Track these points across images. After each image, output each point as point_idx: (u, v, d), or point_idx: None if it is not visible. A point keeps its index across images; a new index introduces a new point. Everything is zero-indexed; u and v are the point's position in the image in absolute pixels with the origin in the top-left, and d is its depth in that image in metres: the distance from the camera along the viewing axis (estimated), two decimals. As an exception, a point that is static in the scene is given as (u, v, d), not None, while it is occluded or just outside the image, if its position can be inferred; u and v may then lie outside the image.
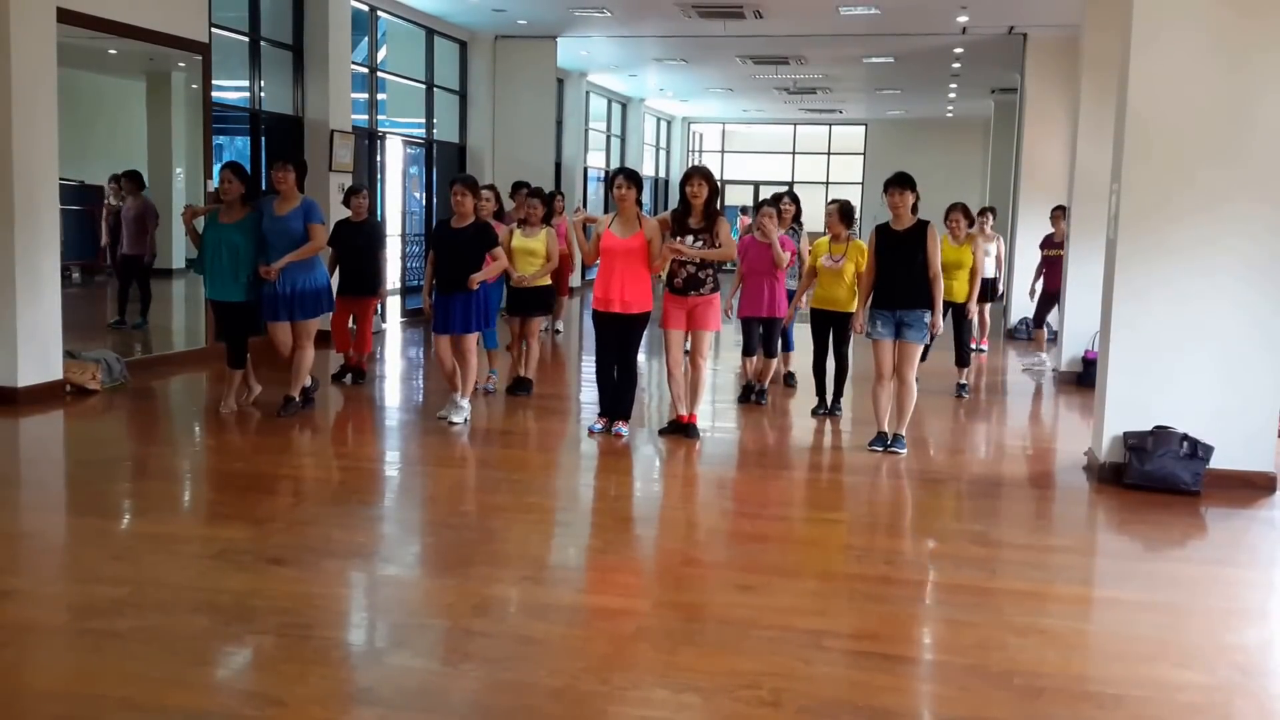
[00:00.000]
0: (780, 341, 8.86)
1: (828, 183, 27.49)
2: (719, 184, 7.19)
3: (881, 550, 5.24)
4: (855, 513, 5.90)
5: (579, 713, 3.40)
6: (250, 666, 3.78)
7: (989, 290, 11.99)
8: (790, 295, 8.55)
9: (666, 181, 26.47)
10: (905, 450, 6.89)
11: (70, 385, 8.00)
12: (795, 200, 9.11)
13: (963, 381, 9.32)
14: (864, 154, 27.25)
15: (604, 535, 5.41)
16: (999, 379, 11.08)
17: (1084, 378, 9.52)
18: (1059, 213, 11.33)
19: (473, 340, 7.50)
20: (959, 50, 15.94)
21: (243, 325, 7.52)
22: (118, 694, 3.45)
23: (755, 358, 8.52)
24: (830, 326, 8.13)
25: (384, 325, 12.84)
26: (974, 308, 9.41)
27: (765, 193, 27.11)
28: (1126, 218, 6.35)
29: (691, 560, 5.01)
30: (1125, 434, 6.36)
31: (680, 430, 7.17)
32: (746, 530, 5.48)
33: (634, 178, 7.03)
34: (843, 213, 8.02)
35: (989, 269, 11.53)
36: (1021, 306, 13.94)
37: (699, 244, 6.90)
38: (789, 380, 9.33)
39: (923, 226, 6.87)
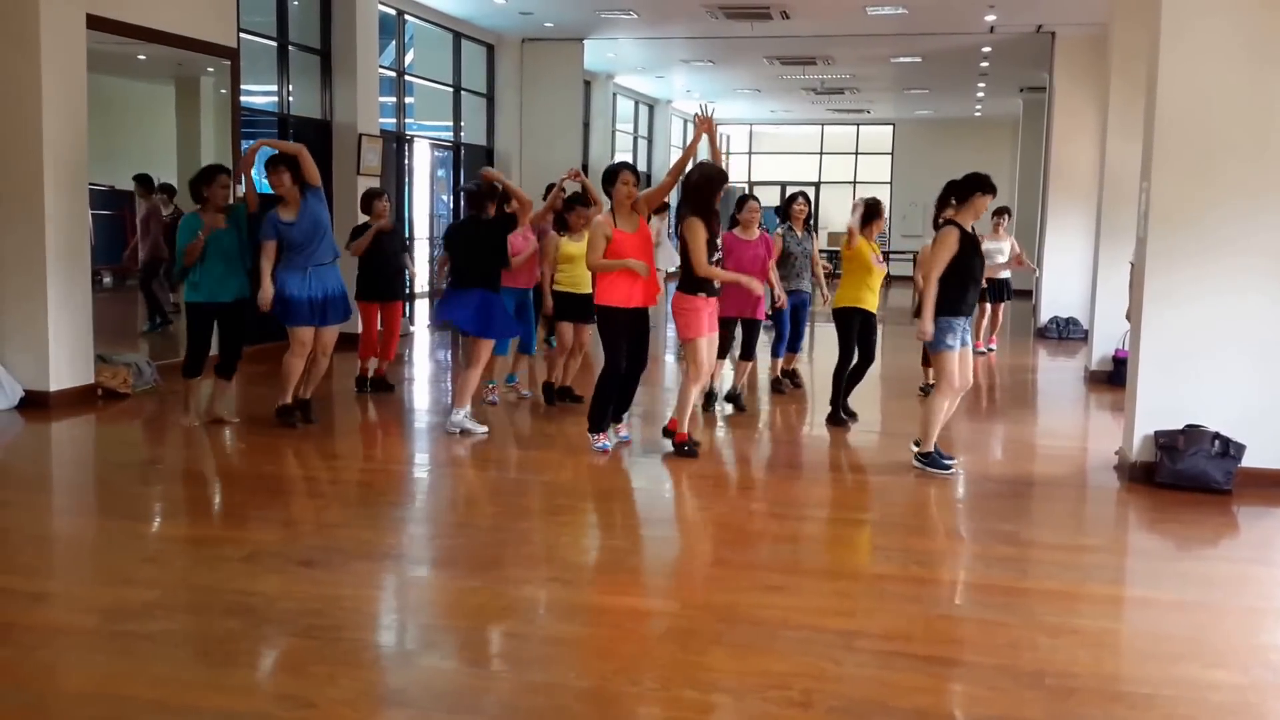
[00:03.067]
0: (787, 341, 8.87)
1: (855, 182, 27.37)
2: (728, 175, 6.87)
3: (911, 550, 5.20)
4: (884, 513, 5.87)
5: (609, 714, 3.40)
6: (281, 668, 3.80)
7: (1003, 290, 11.90)
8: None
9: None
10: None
11: (102, 389, 8.08)
12: (808, 201, 9.03)
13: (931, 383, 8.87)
14: (892, 154, 27.12)
15: (632, 536, 5.41)
16: (1028, 378, 11.01)
17: (1115, 377, 9.44)
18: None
19: (487, 346, 7.26)
20: (987, 49, 15.86)
21: (238, 329, 7.25)
22: (149, 696, 3.48)
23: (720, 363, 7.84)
24: (864, 325, 7.87)
25: (412, 328, 12.91)
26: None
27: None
28: (1156, 215, 6.29)
29: (720, 561, 5.00)
30: (1156, 433, 6.30)
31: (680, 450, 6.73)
32: (775, 531, 5.46)
33: (636, 171, 6.79)
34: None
35: (1002, 270, 11.51)
36: (1051, 305, 13.87)
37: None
38: (795, 380, 9.18)
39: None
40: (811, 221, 9.02)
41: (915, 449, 6.50)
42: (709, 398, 8.09)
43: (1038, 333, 13.78)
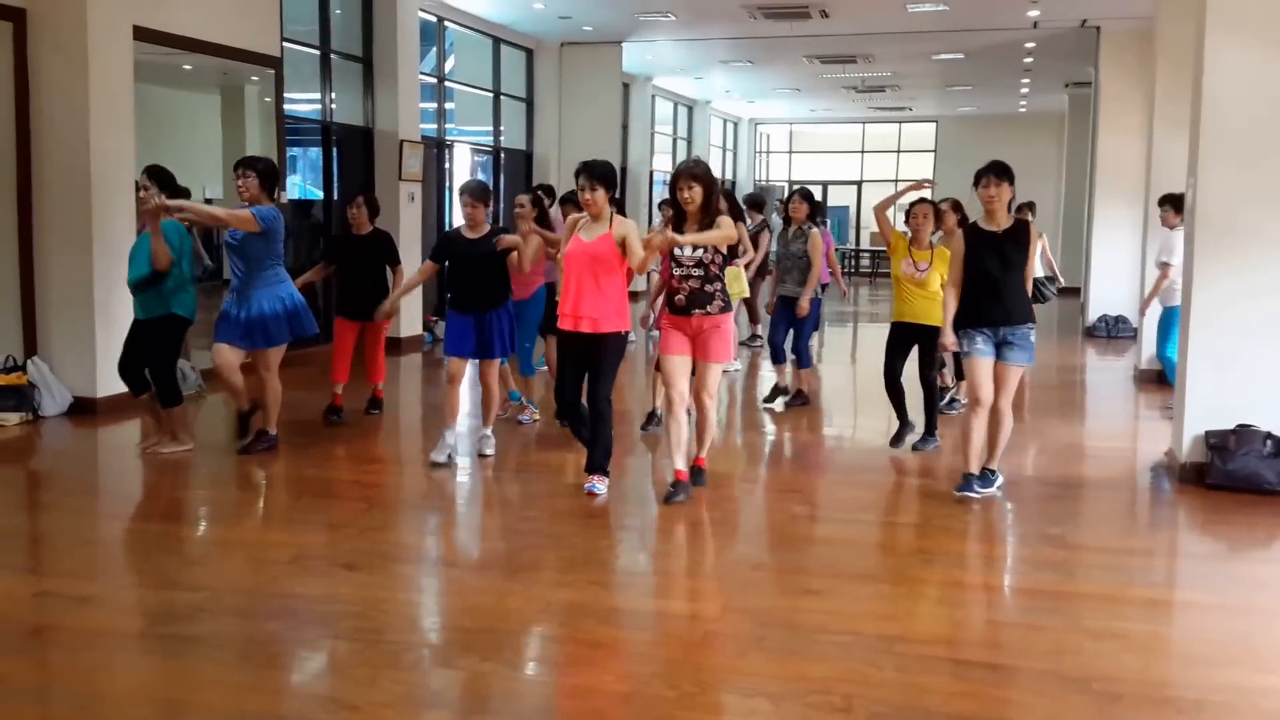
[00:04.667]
0: (797, 357, 8.31)
1: (897, 180, 27.17)
2: (720, 181, 5.93)
3: (954, 554, 5.15)
4: (926, 515, 5.81)
5: (647, 718, 3.39)
6: (324, 671, 3.84)
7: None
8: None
9: (734, 183, 26.36)
10: (998, 489, 5.95)
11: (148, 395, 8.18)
12: (807, 198, 8.37)
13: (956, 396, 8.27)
14: (935, 151, 26.89)
15: (670, 539, 5.39)
16: (1076, 378, 10.87)
17: (1164, 376, 9.29)
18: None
19: (495, 366, 6.81)
20: (1030, 45, 15.67)
21: (152, 349, 6.62)
22: (194, 699, 3.52)
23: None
24: (914, 343, 7.00)
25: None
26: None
27: (835, 194, 27.13)
28: (1204, 211, 6.19)
29: (759, 564, 4.97)
30: (1207, 433, 6.19)
31: (695, 475, 5.94)
32: (815, 534, 5.42)
33: (603, 176, 5.73)
34: (936, 211, 7.19)
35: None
36: (1099, 303, 13.68)
37: (698, 252, 5.67)
38: (800, 399, 8.45)
39: (1024, 226, 5.96)
40: (812, 221, 8.36)
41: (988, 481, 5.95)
42: (650, 417, 7.51)
43: (1086, 331, 13.60)
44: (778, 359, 8.40)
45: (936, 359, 6.97)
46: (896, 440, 7.09)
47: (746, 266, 9.04)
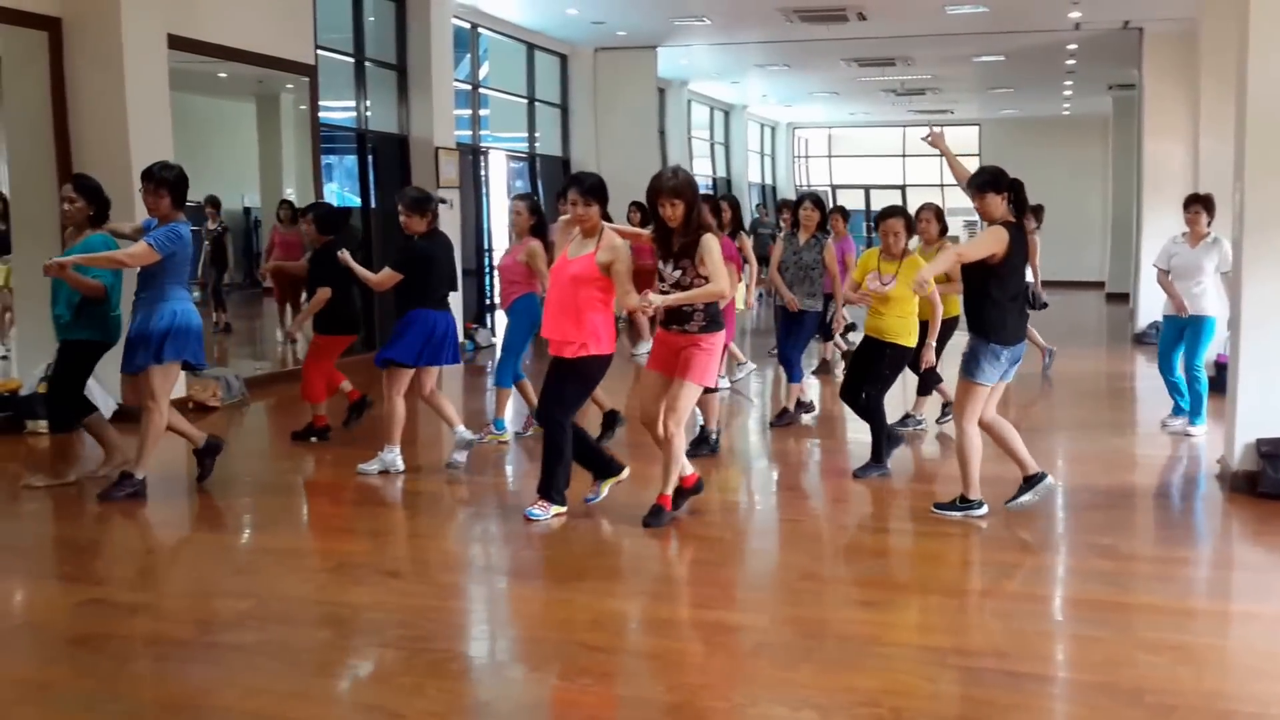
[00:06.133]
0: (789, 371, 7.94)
1: (942, 185, 26.97)
2: (699, 188, 5.42)
3: (1006, 565, 5.07)
4: (971, 526, 5.72)
5: (697, 730, 3.36)
6: (369, 679, 3.83)
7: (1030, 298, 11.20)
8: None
9: (774, 189, 26.24)
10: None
11: (192, 402, 8.25)
12: (819, 204, 7.94)
13: (918, 414, 7.85)
14: (979, 155, 26.63)
15: (720, 549, 5.33)
16: (1126, 385, 10.71)
17: (1216, 383, 9.10)
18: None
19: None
20: (1073, 46, 15.53)
21: (63, 372, 6.11)
22: (242, 706, 3.52)
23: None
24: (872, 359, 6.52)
25: (494, 339, 12.99)
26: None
27: (876, 198, 26.88)
28: (1252, 216, 6.08)
29: (810, 575, 4.91)
30: (1259, 440, 6.07)
31: (654, 514, 5.41)
32: (863, 545, 5.36)
33: (596, 190, 5.42)
34: (908, 220, 6.74)
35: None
36: (1150, 309, 13.46)
37: (677, 273, 5.26)
38: (807, 408, 8.15)
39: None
40: (823, 230, 8.00)
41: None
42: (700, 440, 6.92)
43: (1135, 338, 13.38)
44: (794, 376, 7.97)
45: (888, 379, 6.53)
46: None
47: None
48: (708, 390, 6.03)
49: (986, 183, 5.49)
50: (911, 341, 6.45)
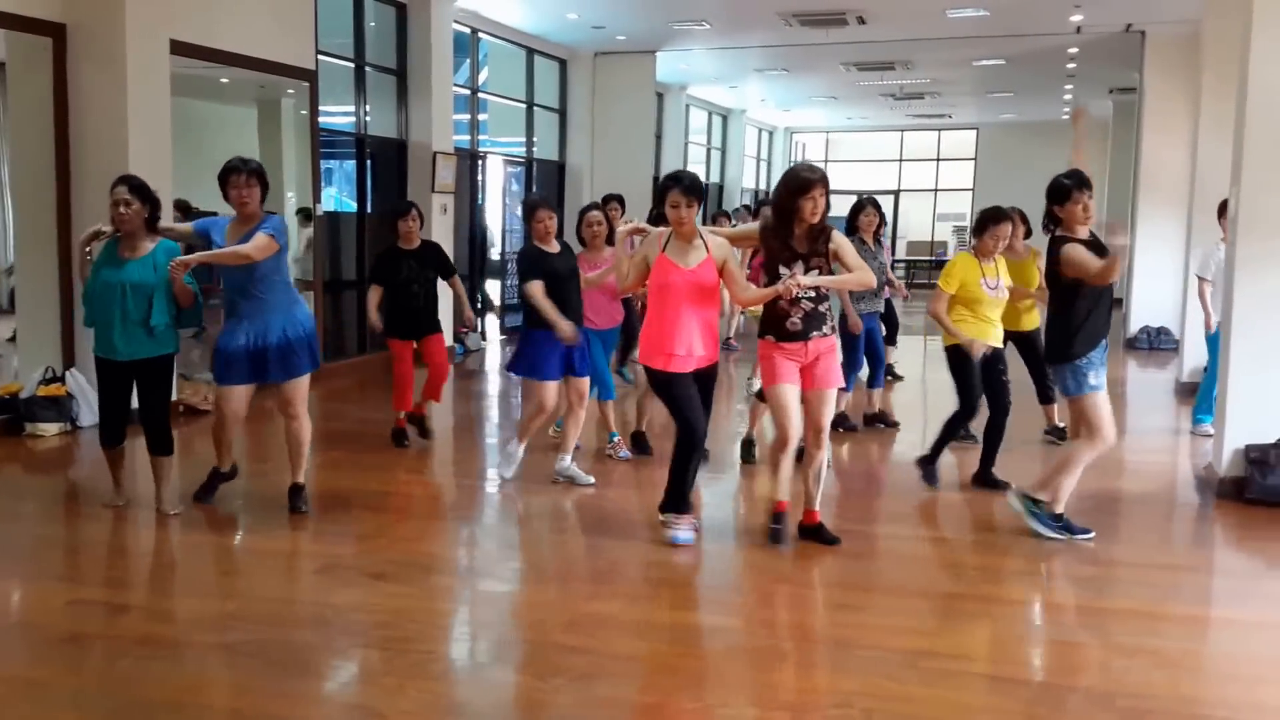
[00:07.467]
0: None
1: (936, 190, 27.02)
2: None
3: (987, 569, 5.11)
4: (959, 529, 5.77)
5: (669, 730, 3.40)
6: (352, 679, 3.88)
7: None
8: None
9: (768, 194, 26.28)
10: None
11: (183, 405, 8.30)
12: (878, 210, 7.96)
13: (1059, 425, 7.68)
14: (975, 159, 26.70)
15: (698, 553, 5.35)
16: (1116, 390, 10.71)
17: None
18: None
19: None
20: (1074, 50, 15.52)
21: (156, 391, 5.74)
22: (225, 705, 3.58)
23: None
24: (987, 365, 6.37)
25: (484, 344, 13.05)
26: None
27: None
28: (1246, 220, 6.11)
29: (786, 578, 4.94)
30: (1247, 447, 6.11)
31: (812, 534, 5.29)
32: (845, 548, 5.37)
33: (695, 189, 5.12)
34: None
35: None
36: (1141, 314, 13.51)
37: (813, 272, 5.00)
38: (886, 421, 8.13)
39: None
40: (879, 236, 8.11)
41: (1028, 506, 5.45)
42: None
43: (1127, 343, 13.43)
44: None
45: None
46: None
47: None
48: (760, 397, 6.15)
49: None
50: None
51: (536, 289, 6.04)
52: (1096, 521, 5.76)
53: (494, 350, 12.94)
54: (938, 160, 27.30)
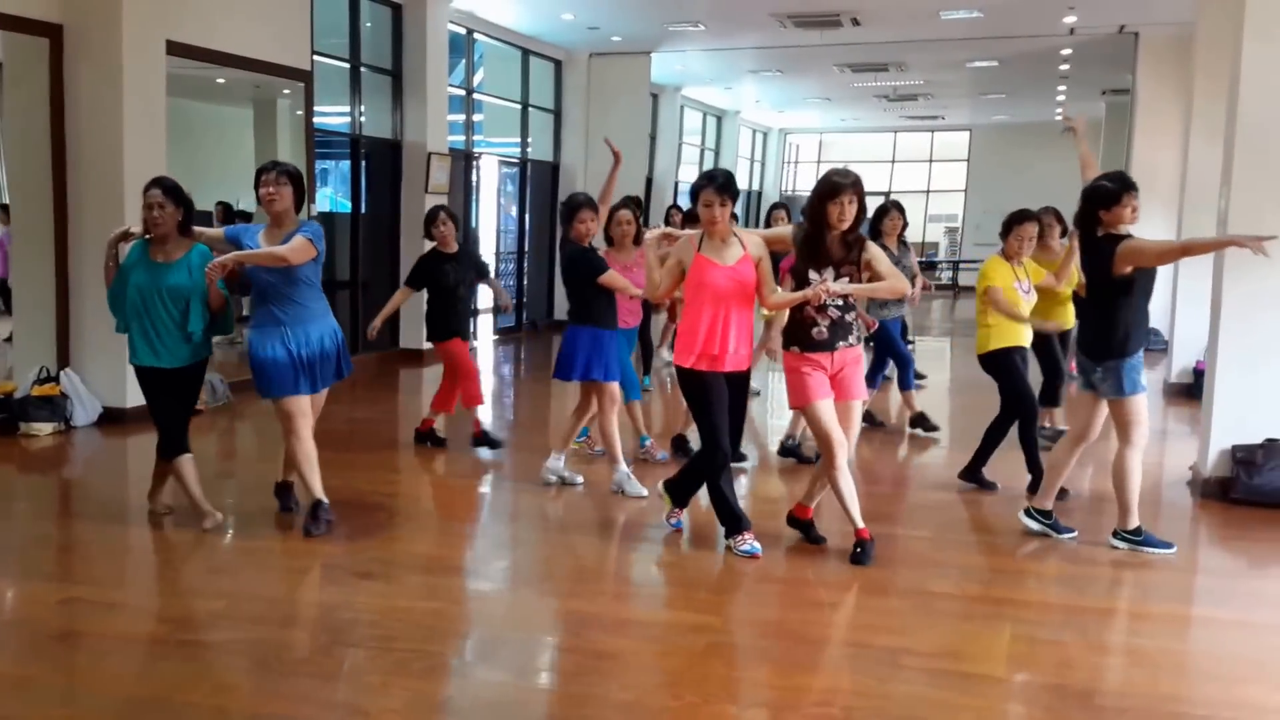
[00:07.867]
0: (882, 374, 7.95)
1: (928, 191, 27.07)
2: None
3: (969, 567, 5.14)
4: (940, 528, 5.80)
5: (649, 728, 3.43)
6: (337, 678, 3.89)
7: None
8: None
9: (759, 194, 26.33)
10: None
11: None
12: (902, 211, 7.96)
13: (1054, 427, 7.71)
14: (968, 160, 26.76)
15: (679, 552, 5.37)
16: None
17: (1194, 389, 9.20)
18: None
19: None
20: (1067, 51, 15.57)
21: (188, 398, 5.64)
22: (210, 703, 3.60)
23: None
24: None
25: (474, 344, 13.08)
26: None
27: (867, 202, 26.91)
28: (1235, 221, 6.15)
29: (767, 576, 4.96)
30: (1234, 447, 6.15)
31: (800, 528, 5.46)
32: (828, 546, 5.40)
33: (729, 188, 4.99)
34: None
35: None
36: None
37: (844, 279, 4.94)
38: (927, 424, 8.10)
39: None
40: (903, 240, 8.05)
41: (1043, 523, 5.56)
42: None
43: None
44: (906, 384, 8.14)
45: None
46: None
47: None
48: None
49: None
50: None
51: (615, 276, 6.05)
52: (1079, 521, 5.82)
53: (486, 350, 12.97)
54: (930, 161, 27.36)
